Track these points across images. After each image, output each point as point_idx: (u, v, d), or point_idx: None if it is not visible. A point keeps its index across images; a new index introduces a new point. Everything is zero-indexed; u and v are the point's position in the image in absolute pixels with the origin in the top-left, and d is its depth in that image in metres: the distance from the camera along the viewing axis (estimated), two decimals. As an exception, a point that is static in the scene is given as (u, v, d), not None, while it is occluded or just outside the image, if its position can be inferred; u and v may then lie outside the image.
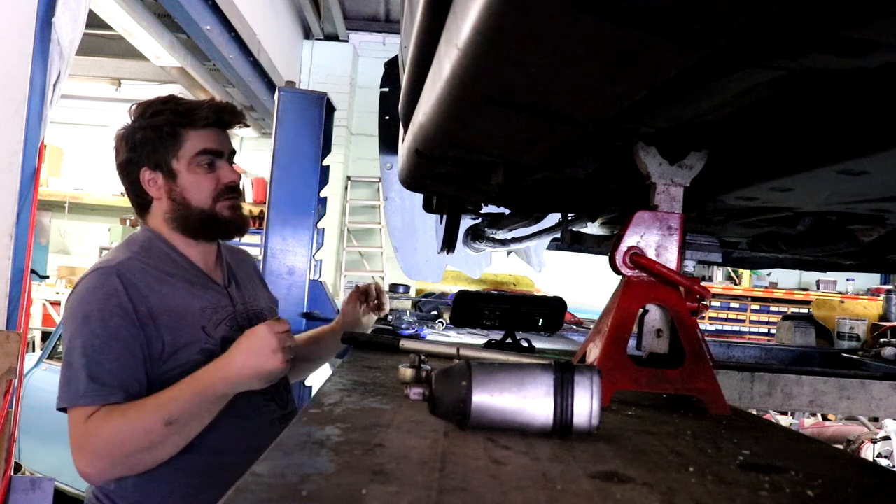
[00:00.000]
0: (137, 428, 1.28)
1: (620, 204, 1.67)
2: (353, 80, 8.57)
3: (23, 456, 4.32)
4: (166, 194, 1.46)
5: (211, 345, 1.42)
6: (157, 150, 1.44)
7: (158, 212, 1.48)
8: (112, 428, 1.28)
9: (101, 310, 1.33)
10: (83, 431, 1.29)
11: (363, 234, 8.78)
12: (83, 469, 1.30)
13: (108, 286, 1.35)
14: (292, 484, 0.56)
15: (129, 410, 1.29)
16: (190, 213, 1.46)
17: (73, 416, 1.31)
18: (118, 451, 1.28)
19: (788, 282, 9.48)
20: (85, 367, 1.30)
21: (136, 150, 1.45)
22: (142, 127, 1.45)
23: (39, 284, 7.71)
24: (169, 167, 1.45)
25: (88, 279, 1.38)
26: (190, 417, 1.31)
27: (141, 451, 1.29)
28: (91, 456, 1.28)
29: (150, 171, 1.45)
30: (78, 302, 1.36)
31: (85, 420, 1.29)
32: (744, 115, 0.91)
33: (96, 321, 1.33)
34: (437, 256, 3.13)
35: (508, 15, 0.55)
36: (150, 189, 1.46)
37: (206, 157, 1.46)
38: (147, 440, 1.28)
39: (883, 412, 2.64)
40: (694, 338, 1.02)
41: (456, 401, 0.77)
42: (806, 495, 0.64)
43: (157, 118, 1.45)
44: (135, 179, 1.47)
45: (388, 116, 3.27)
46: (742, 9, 0.49)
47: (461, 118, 0.91)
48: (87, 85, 7.68)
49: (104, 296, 1.34)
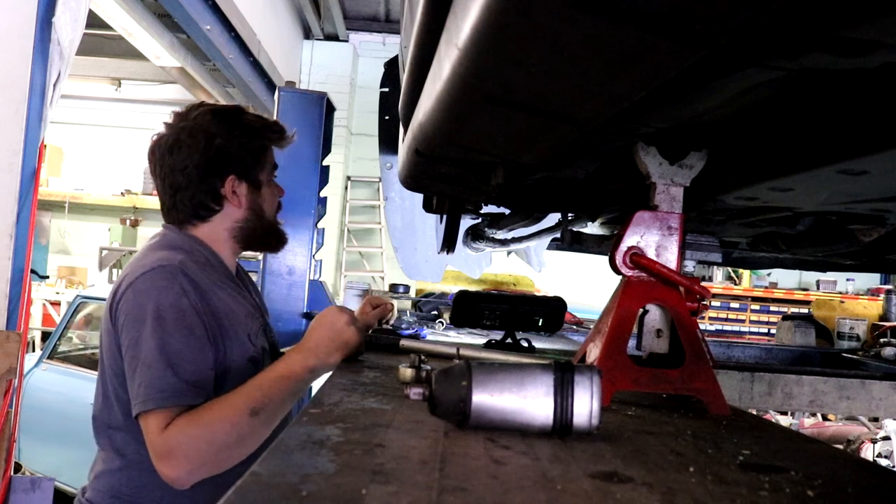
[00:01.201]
0: (224, 422, 1.25)
1: (620, 204, 1.67)
2: (353, 80, 8.57)
3: (23, 456, 4.33)
4: (248, 204, 1.47)
5: (256, 354, 1.43)
6: (250, 162, 1.46)
7: (226, 220, 1.47)
8: (199, 427, 1.25)
9: (175, 308, 1.30)
10: (168, 435, 1.24)
11: (363, 234, 8.78)
12: (172, 474, 1.24)
13: (177, 285, 1.32)
14: (292, 484, 0.56)
15: (212, 407, 1.27)
16: (262, 223, 1.50)
17: (152, 420, 1.25)
18: (208, 450, 1.25)
19: (788, 282, 9.48)
20: (167, 368, 1.26)
21: (222, 158, 1.43)
22: (224, 135, 1.43)
23: (39, 284, 7.71)
24: (257, 179, 1.48)
25: (152, 276, 1.32)
26: (274, 406, 1.29)
27: (230, 447, 1.26)
28: (182, 460, 1.23)
29: (237, 179, 1.45)
30: (147, 299, 1.30)
31: (166, 424, 1.24)
32: (744, 115, 0.91)
33: (171, 321, 1.28)
34: (437, 256, 3.13)
35: (508, 15, 0.55)
36: (231, 197, 1.45)
37: (274, 172, 1.53)
38: (235, 434, 1.25)
39: (883, 412, 2.64)
40: (694, 338, 1.02)
41: (456, 401, 0.77)
42: (806, 495, 0.64)
43: (245, 129, 1.45)
44: (212, 185, 1.43)
45: (388, 116, 3.27)
46: (742, 9, 0.49)
47: (461, 118, 0.91)
48: (87, 85, 7.70)
49: (177, 295, 1.31)
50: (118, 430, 1.38)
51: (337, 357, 1.34)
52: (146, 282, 1.32)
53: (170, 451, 1.24)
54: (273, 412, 1.30)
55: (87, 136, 9.26)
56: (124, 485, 1.36)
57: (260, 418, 1.27)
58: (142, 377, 1.26)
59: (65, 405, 4.30)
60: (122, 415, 1.36)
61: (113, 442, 1.38)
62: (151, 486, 1.33)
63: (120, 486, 1.36)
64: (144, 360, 1.27)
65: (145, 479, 1.34)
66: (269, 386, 1.29)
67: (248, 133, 1.46)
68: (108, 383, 1.39)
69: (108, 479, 1.38)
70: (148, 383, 1.26)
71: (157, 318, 1.28)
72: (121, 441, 1.37)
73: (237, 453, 1.29)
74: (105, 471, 1.39)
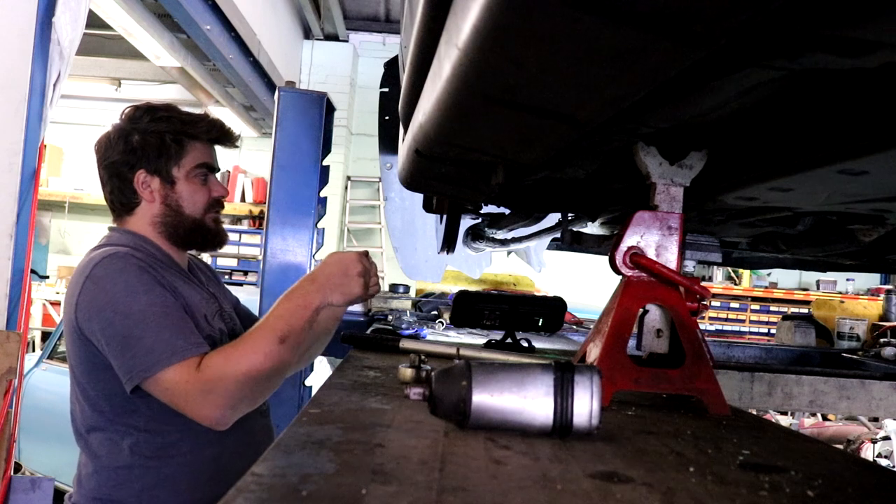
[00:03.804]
0: (258, 353, 1.30)
1: (620, 204, 1.67)
2: (353, 80, 8.57)
3: (23, 456, 4.32)
4: (161, 199, 1.49)
5: (213, 333, 1.45)
6: (159, 156, 1.47)
7: (146, 214, 1.49)
8: (234, 361, 1.28)
9: (142, 283, 1.33)
10: (205, 378, 1.27)
11: (363, 234, 8.78)
12: (216, 413, 1.27)
13: (133, 264, 1.35)
14: (292, 484, 0.56)
15: (239, 345, 1.33)
16: (181, 220, 1.50)
17: (175, 373, 1.26)
18: (246, 382, 1.29)
19: (788, 282, 9.48)
20: (164, 328, 1.28)
21: (134, 153, 1.46)
22: (141, 130, 1.46)
23: (39, 284, 7.72)
24: (168, 174, 1.48)
25: (105, 264, 1.35)
26: (297, 333, 1.34)
27: (265, 377, 1.31)
28: (223, 396, 1.27)
29: (147, 174, 1.47)
30: (109, 283, 1.32)
31: (195, 370, 1.27)
32: (744, 115, 0.91)
33: (143, 294, 1.31)
34: (437, 256, 3.13)
35: (508, 15, 0.55)
36: (143, 192, 1.48)
37: (202, 171, 1.51)
38: (269, 364, 1.30)
39: (883, 412, 2.64)
40: (694, 338, 1.02)
41: (456, 401, 0.77)
42: (806, 495, 0.64)
43: (159, 124, 1.47)
44: (126, 180, 1.47)
45: (388, 116, 3.27)
46: (742, 9, 0.49)
47: (461, 118, 0.91)
48: (87, 85, 7.69)
49: (137, 272, 1.34)
50: (92, 431, 1.40)
51: (342, 299, 1.42)
52: (102, 269, 1.35)
53: (210, 390, 1.27)
54: (296, 339, 1.35)
55: (87, 136, 9.20)
56: (103, 485, 1.38)
57: (287, 345, 1.33)
58: (136, 348, 1.27)
59: (65, 405, 4.26)
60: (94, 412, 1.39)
61: (89, 445, 1.41)
62: (129, 481, 1.36)
63: (99, 487, 1.38)
64: (133, 333, 1.28)
65: (122, 477, 1.37)
66: (291, 314, 1.36)
67: (164, 128, 1.47)
68: (76, 386, 1.43)
69: (87, 483, 1.40)
70: (147, 350, 1.27)
71: (129, 292, 1.31)
72: (95, 443, 1.40)
73: (270, 384, 1.36)
74: (85, 475, 1.42)
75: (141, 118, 1.48)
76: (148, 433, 1.36)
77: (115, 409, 1.37)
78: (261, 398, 1.38)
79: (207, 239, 1.54)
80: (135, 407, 1.35)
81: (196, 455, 1.39)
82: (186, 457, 1.38)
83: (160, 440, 1.37)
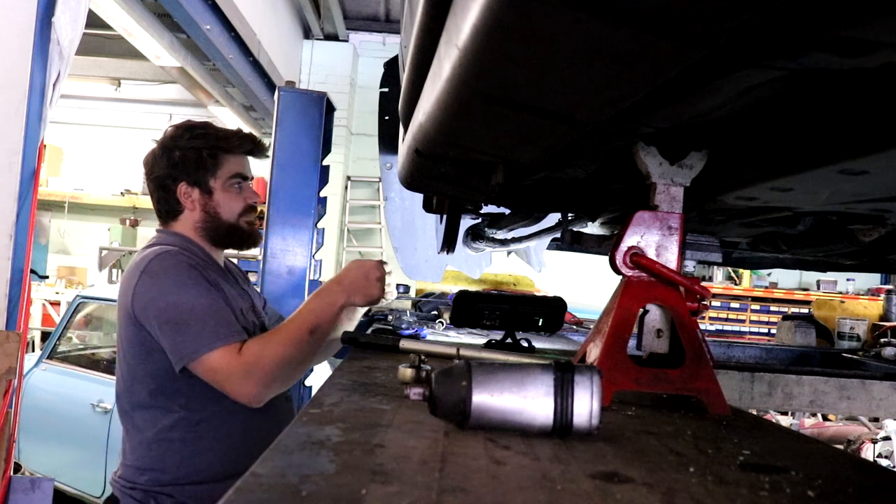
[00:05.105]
0: (293, 342, 1.52)
1: (620, 204, 1.67)
2: (353, 80, 8.57)
3: (23, 456, 4.32)
4: (200, 207, 1.68)
5: (248, 325, 1.63)
6: (198, 169, 1.66)
7: (189, 220, 1.69)
8: (272, 347, 1.50)
9: (190, 277, 1.53)
10: (245, 361, 1.47)
11: (363, 234, 8.78)
12: (253, 390, 1.47)
13: (184, 262, 1.55)
14: (292, 484, 0.56)
15: (277, 332, 1.55)
16: (219, 224, 1.69)
17: (219, 356, 1.46)
18: (281, 365, 1.50)
19: (788, 282, 9.48)
20: (210, 317, 1.48)
21: (177, 167, 1.66)
22: (182, 147, 1.66)
23: (39, 284, 7.72)
24: (207, 185, 1.68)
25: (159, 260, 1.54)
26: (324, 327, 1.57)
27: (298, 363, 1.54)
28: (261, 376, 1.47)
29: (188, 185, 1.67)
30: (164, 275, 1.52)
31: (237, 353, 1.47)
32: (744, 114, 0.90)
33: (192, 287, 1.51)
34: (437, 256, 3.13)
35: (508, 15, 0.55)
36: (185, 201, 1.68)
37: (237, 180, 1.71)
38: (301, 352, 1.53)
39: (883, 412, 2.64)
40: (694, 338, 1.02)
41: (456, 401, 0.76)
42: (806, 495, 0.64)
43: (198, 141, 1.67)
44: (171, 191, 1.67)
45: (388, 116, 3.27)
46: (742, 9, 0.49)
47: (461, 118, 0.91)
48: (87, 85, 7.70)
49: (187, 268, 1.54)
50: (137, 408, 1.58)
51: (362, 301, 1.63)
52: (157, 264, 1.55)
53: (251, 370, 1.47)
54: (324, 331, 1.57)
55: (86, 136, 9.26)
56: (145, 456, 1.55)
57: (315, 336, 1.55)
58: (185, 333, 1.47)
59: (65, 405, 4.30)
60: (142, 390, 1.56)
61: (133, 421, 1.58)
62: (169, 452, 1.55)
63: (142, 458, 1.56)
64: (182, 319, 1.48)
65: (163, 448, 1.55)
66: (321, 310, 1.58)
67: (201, 145, 1.67)
68: (125, 367, 1.59)
69: (132, 455, 1.58)
70: (195, 335, 1.46)
71: (179, 285, 1.51)
72: (140, 420, 1.57)
73: (301, 369, 1.59)
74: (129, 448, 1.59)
75: (181, 136, 1.68)
76: (188, 411, 1.55)
77: (161, 388, 1.55)
78: (291, 381, 1.59)
79: (243, 240, 1.74)
80: (178, 387, 1.54)
81: (228, 429, 1.57)
82: (219, 430, 1.57)
83: (197, 417, 1.56)
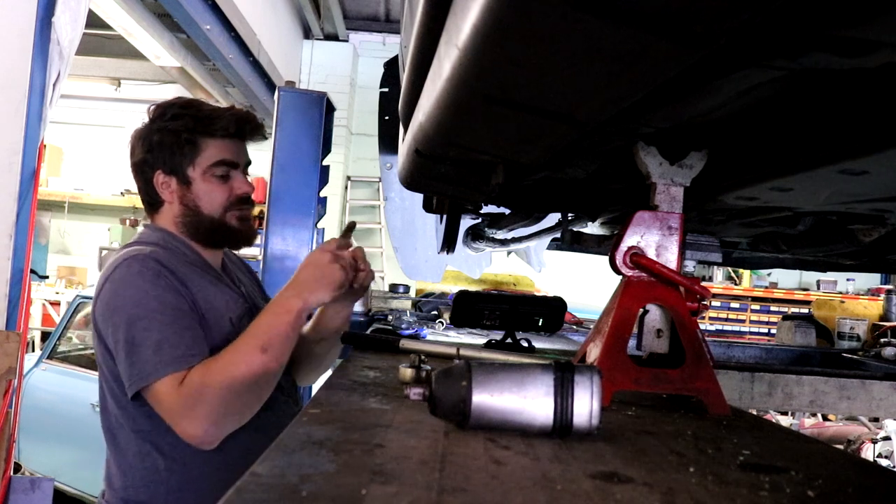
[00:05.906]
0: (239, 364, 1.27)
1: (620, 204, 1.67)
2: (353, 80, 8.57)
3: (23, 456, 4.32)
4: (178, 199, 1.47)
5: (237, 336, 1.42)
6: (174, 156, 1.44)
7: (169, 214, 1.48)
8: (215, 374, 1.26)
9: (155, 288, 1.32)
10: (185, 390, 1.25)
11: (363, 234, 8.77)
12: (199, 431, 1.26)
13: (151, 268, 1.34)
14: (292, 484, 0.56)
15: (222, 355, 1.30)
16: (200, 220, 1.47)
17: (161, 387, 1.26)
18: (229, 395, 1.26)
19: (788, 282, 9.47)
20: (161, 341, 1.27)
21: (153, 152, 1.45)
22: (159, 129, 1.44)
23: (39, 284, 7.71)
24: (184, 174, 1.45)
25: (125, 266, 1.35)
26: (280, 341, 1.31)
27: (249, 389, 1.29)
28: (205, 411, 1.25)
29: (165, 174, 1.45)
30: (124, 287, 1.33)
31: (179, 385, 1.25)
32: (744, 114, 0.91)
33: (153, 300, 1.31)
34: (437, 256, 3.13)
35: (508, 15, 0.55)
36: (163, 192, 1.47)
37: (221, 168, 1.46)
38: (251, 374, 1.27)
39: (883, 412, 2.64)
40: (694, 338, 1.02)
41: (456, 401, 0.76)
42: (806, 495, 0.64)
43: (175, 122, 1.44)
44: (148, 180, 1.47)
45: (388, 116, 3.27)
46: (742, 9, 0.49)
47: (461, 118, 0.91)
48: (86, 85, 7.68)
49: (153, 276, 1.33)
50: (119, 428, 1.39)
51: (326, 294, 1.37)
52: (122, 272, 1.35)
53: (192, 406, 1.25)
54: (280, 347, 1.32)
55: (86, 136, 9.25)
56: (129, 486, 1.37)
57: (269, 354, 1.29)
58: (136, 356, 1.27)
59: (65, 405, 4.30)
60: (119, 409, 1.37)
61: (116, 442, 1.40)
62: (155, 483, 1.35)
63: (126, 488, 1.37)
64: (134, 340, 1.28)
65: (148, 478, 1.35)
66: (270, 323, 1.33)
67: (179, 127, 1.43)
68: (104, 382, 1.41)
69: (116, 482, 1.39)
70: (144, 359, 1.27)
71: (138, 301, 1.31)
72: (122, 441, 1.39)
73: (256, 396, 1.32)
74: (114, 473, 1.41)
75: (161, 116, 1.46)
76: (172, 434, 1.30)
77: (137, 407, 1.34)
78: (248, 412, 1.32)
79: (229, 237, 1.51)
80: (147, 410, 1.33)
81: (225, 455, 1.33)
82: (213, 456, 1.32)
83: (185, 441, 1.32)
